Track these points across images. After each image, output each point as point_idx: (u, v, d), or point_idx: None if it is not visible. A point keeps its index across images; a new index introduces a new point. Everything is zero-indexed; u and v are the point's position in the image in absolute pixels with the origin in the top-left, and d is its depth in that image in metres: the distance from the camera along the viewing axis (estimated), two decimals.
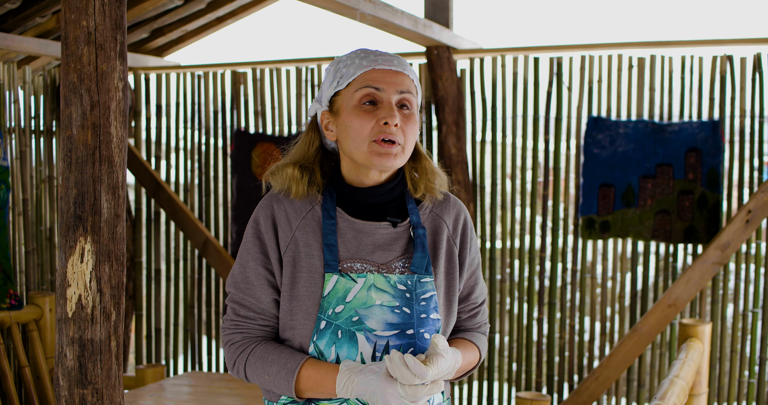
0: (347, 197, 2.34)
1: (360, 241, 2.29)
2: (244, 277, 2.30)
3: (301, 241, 2.27)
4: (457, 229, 2.42)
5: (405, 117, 2.26)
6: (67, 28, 2.31)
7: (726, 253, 5.11)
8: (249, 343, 2.28)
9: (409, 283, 2.27)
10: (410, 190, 2.39)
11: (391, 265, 2.29)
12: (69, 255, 2.33)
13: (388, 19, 4.79)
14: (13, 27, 5.29)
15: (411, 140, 2.28)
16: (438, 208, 2.42)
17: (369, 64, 2.27)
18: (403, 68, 2.30)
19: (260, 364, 2.24)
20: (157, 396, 4.66)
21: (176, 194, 6.41)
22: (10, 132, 5.32)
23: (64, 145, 2.33)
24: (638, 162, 5.38)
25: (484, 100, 5.77)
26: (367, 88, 2.25)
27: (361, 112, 2.24)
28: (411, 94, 2.29)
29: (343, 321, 2.21)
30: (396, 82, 2.26)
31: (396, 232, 2.32)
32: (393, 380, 2.09)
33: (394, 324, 2.23)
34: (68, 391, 2.36)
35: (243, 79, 6.29)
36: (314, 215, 2.30)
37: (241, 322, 2.30)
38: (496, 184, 5.80)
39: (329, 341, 2.21)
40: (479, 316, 2.53)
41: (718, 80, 5.32)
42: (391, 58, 2.30)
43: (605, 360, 5.34)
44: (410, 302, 2.25)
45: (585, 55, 5.57)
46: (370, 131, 2.23)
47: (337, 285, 2.23)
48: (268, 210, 2.31)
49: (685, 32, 38.97)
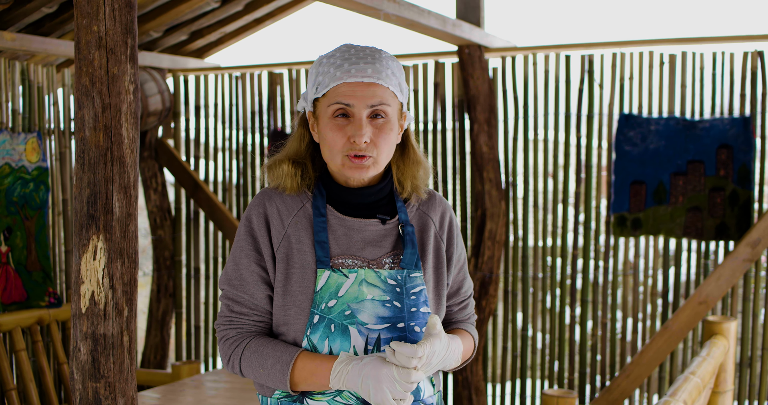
0: (337, 195, 2.38)
1: (350, 238, 2.34)
2: (238, 274, 2.35)
3: (294, 238, 2.32)
4: (444, 226, 2.48)
5: (377, 128, 2.27)
6: (79, 33, 2.37)
7: (757, 250, 5.09)
8: (243, 338, 2.33)
9: (399, 277, 2.32)
10: (397, 190, 2.44)
11: (381, 260, 2.34)
12: (82, 253, 2.39)
13: (415, 19, 4.83)
14: (51, 31, 5.40)
15: (386, 148, 2.30)
16: (424, 206, 2.47)
17: (342, 75, 2.26)
18: (378, 77, 2.27)
19: (255, 358, 2.28)
20: (193, 391, 4.74)
21: (214, 194, 6.50)
22: (50, 133, 5.43)
23: (78, 146, 2.40)
24: (669, 159, 5.37)
25: (515, 99, 5.79)
26: (337, 104, 2.26)
27: (333, 126, 2.27)
28: (384, 104, 2.28)
29: (336, 315, 2.26)
30: (367, 95, 2.25)
31: (385, 229, 2.37)
32: (388, 364, 2.14)
33: (386, 317, 2.28)
34: (82, 384, 2.42)
35: (279, 79, 6.36)
36: (305, 212, 2.35)
37: (235, 317, 2.36)
38: (528, 182, 5.82)
39: (322, 335, 2.26)
40: (469, 308, 2.60)
41: (749, 76, 5.30)
42: (366, 67, 2.27)
43: (637, 357, 5.34)
44: (400, 296, 2.30)
45: (616, 52, 5.57)
46: (342, 146, 2.26)
47: (329, 280, 2.28)
48: (261, 208, 2.36)
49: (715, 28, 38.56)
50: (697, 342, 5.51)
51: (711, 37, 5.41)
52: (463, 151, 5.90)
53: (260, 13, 6.31)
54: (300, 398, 2.30)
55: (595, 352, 5.76)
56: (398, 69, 2.35)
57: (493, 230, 5.70)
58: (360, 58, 2.29)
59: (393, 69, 2.32)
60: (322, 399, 2.28)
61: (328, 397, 2.28)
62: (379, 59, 2.30)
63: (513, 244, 5.88)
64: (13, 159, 4.97)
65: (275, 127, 6.36)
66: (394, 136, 2.32)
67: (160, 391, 4.71)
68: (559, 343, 5.82)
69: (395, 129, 2.32)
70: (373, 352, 2.27)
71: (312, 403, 2.29)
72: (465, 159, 5.90)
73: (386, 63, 2.31)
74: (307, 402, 2.30)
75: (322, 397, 2.28)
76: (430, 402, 2.40)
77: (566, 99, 5.69)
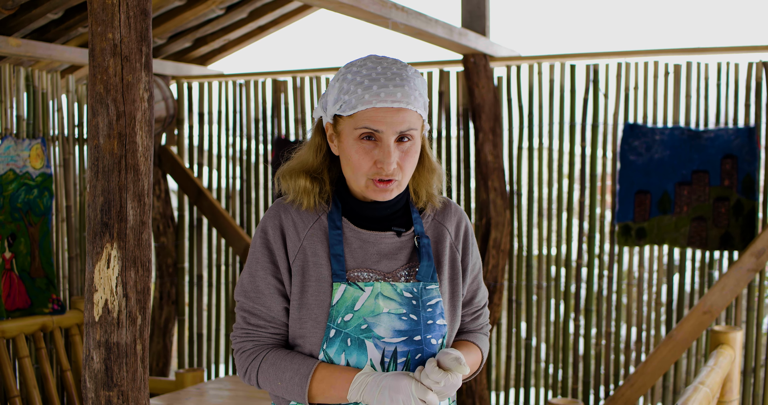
0: (352, 208, 2.37)
1: (366, 251, 2.33)
2: (254, 286, 2.33)
3: (309, 251, 2.31)
4: (459, 236, 2.47)
5: (404, 152, 2.25)
6: (93, 41, 2.37)
7: (761, 260, 5.09)
8: (260, 350, 2.32)
9: (415, 290, 2.31)
10: (413, 201, 2.43)
11: (397, 273, 2.33)
12: (96, 261, 2.38)
13: (422, 28, 4.83)
14: (56, 37, 5.40)
15: (409, 170, 2.28)
16: (440, 216, 2.46)
17: (371, 98, 2.20)
18: (407, 101, 2.22)
19: (273, 370, 2.28)
20: (196, 399, 4.73)
21: (218, 201, 6.50)
22: (54, 140, 5.42)
23: (92, 154, 2.39)
24: (674, 169, 5.37)
25: (520, 108, 5.80)
26: (365, 129, 2.22)
27: (359, 149, 2.24)
28: (412, 129, 2.25)
29: (352, 329, 2.25)
30: (396, 122, 2.21)
31: (401, 241, 2.36)
32: (409, 377, 2.14)
33: (402, 331, 2.27)
34: (95, 393, 2.42)
35: (283, 87, 6.36)
36: (321, 225, 2.34)
37: (252, 330, 2.35)
38: (533, 191, 5.82)
39: (339, 349, 2.25)
40: (481, 318, 2.59)
41: (754, 86, 5.31)
42: (396, 90, 2.21)
43: (641, 367, 5.33)
44: (417, 309, 2.29)
45: (621, 62, 5.58)
46: (368, 170, 2.24)
47: (345, 294, 2.26)
48: (276, 220, 2.34)
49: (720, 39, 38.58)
50: (701, 352, 5.51)
51: (716, 48, 5.42)
52: (467, 160, 5.90)
53: (264, 21, 6.32)
54: None
55: (599, 361, 5.76)
56: (423, 86, 2.30)
57: (497, 239, 5.70)
58: (389, 78, 2.23)
59: (419, 89, 2.28)
60: None
61: None
62: (407, 80, 2.24)
63: (517, 253, 5.88)
64: (17, 165, 4.96)
65: (279, 134, 6.36)
66: (417, 154, 2.31)
67: (164, 399, 4.70)
68: (563, 352, 5.82)
69: (419, 149, 2.31)
70: (389, 364, 2.26)
71: None
72: (470, 168, 5.90)
73: (413, 83, 2.26)
74: None
75: None
76: None
77: (571, 108, 5.69)
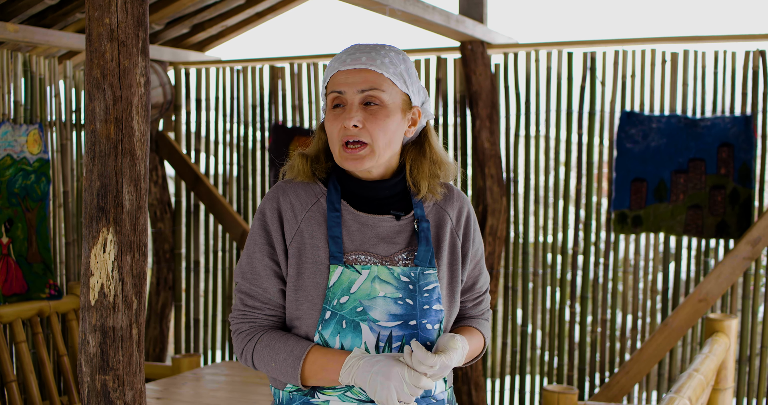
0: (352, 190, 2.37)
1: (364, 234, 2.33)
2: (251, 268, 2.34)
3: (307, 233, 2.31)
4: (461, 222, 2.46)
5: (371, 114, 2.27)
6: (90, 26, 2.37)
7: (757, 248, 5.11)
8: (256, 331, 2.33)
9: (412, 275, 2.31)
10: (412, 192, 2.42)
11: (395, 257, 2.33)
12: (92, 245, 2.39)
13: (419, 15, 4.83)
14: (54, 22, 5.39)
15: (382, 136, 2.28)
16: (442, 201, 2.44)
17: (338, 65, 2.30)
18: (372, 64, 2.28)
19: (267, 351, 2.28)
20: (193, 384, 4.75)
21: (215, 187, 6.50)
22: (51, 125, 5.42)
23: (88, 138, 2.39)
24: (671, 157, 5.38)
25: (517, 95, 5.80)
26: (332, 93, 2.29)
27: (330, 117, 2.30)
28: (377, 90, 2.27)
29: (348, 311, 2.26)
30: (357, 81, 2.27)
31: (399, 225, 2.36)
32: (401, 363, 2.14)
33: (398, 315, 2.27)
34: (90, 376, 2.42)
35: (281, 73, 6.36)
36: (319, 207, 2.34)
37: (249, 311, 2.35)
38: (530, 179, 5.83)
39: (334, 331, 2.26)
40: (483, 304, 2.58)
41: (751, 75, 5.32)
42: (362, 55, 2.29)
43: (636, 354, 5.35)
44: (413, 294, 2.29)
45: (618, 50, 5.58)
46: (337, 134, 2.28)
47: (341, 276, 2.27)
48: (274, 202, 2.35)
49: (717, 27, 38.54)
50: (696, 339, 5.52)
51: (713, 36, 5.43)
52: (464, 147, 5.91)
53: (262, 7, 6.31)
54: (311, 392, 2.30)
55: (594, 348, 5.78)
56: (402, 61, 2.33)
57: (494, 226, 5.71)
58: (359, 49, 2.32)
59: (393, 59, 2.31)
60: (333, 394, 2.28)
61: (339, 393, 2.28)
62: (377, 50, 2.31)
63: (513, 240, 5.89)
64: (14, 150, 4.96)
65: (276, 121, 6.36)
66: (393, 124, 2.30)
67: (160, 384, 4.72)
68: (559, 339, 5.84)
69: (394, 118, 2.30)
70: (384, 349, 2.27)
71: (323, 397, 2.29)
72: (466, 155, 5.91)
73: (385, 53, 2.31)
74: (318, 396, 2.30)
75: (333, 392, 2.28)
76: (442, 398, 2.40)
77: (568, 96, 5.70)
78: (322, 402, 2.30)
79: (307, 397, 2.31)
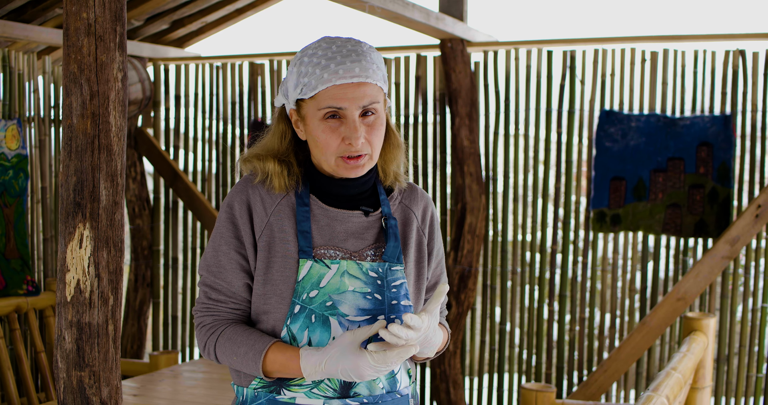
0: (321, 186, 2.37)
1: (333, 229, 2.34)
2: (216, 261, 2.33)
3: (276, 227, 2.31)
4: (426, 220, 2.49)
5: (370, 126, 2.27)
6: (68, 20, 2.35)
7: (735, 247, 5.12)
8: (219, 325, 2.33)
9: (380, 270, 2.32)
10: (380, 178, 2.44)
11: (363, 253, 2.34)
12: (68, 241, 2.37)
13: (399, 12, 4.83)
14: (33, 17, 5.36)
15: (378, 144, 2.30)
16: (407, 200, 2.47)
17: (330, 77, 2.22)
18: (366, 75, 2.24)
19: (229, 345, 2.28)
20: (170, 381, 4.73)
21: (194, 184, 6.48)
22: (30, 121, 5.39)
23: (65, 133, 2.37)
24: (650, 155, 5.40)
25: (497, 93, 5.80)
26: (328, 108, 2.24)
27: (326, 129, 2.25)
28: (375, 103, 2.27)
29: (317, 306, 2.26)
30: (357, 96, 2.23)
31: (368, 221, 2.37)
32: (360, 352, 2.13)
33: (366, 309, 2.28)
34: (66, 373, 2.41)
35: (260, 70, 6.35)
36: (289, 201, 2.34)
37: (213, 305, 2.35)
38: (509, 177, 5.84)
39: (302, 325, 2.26)
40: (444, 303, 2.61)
41: (731, 75, 5.34)
42: (353, 65, 2.23)
43: (614, 353, 5.36)
44: (381, 289, 2.31)
45: (598, 49, 5.59)
46: (336, 148, 2.25)
47: (311, 270, 2.27)
48: (243, 195, 2.34)
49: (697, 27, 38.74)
50: (674, 338, 5.54)
51: (693, 35, 5.45)
52: (444, 145, 5.91)
53: (242, 3, 6.29)
54: (277, 389, 2.30)
55: (572, 347, 5.79)
56: (380, 60, 2.33)
57: (473, 224, 5.71)
58: (345, 55, 2.25)
59: (377, 62, 2.30)
60: (299, 390, 2.28)
61: (305, 389, 2.27)
62: (362, 54, 2.27)
63: (492, 239, 5.90)
64: None
65: (255, 117, 6.35)
66: (383, 128, 2.32)
67: (138, 380, 4.70)
68: (537, 337, 5.85)
69: (384, 121, 2.32)
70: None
71: (289, 394, 2.29)
72: (446, 153, 5.91)
73: (370, 57, 2.28)
74: (284, 393, 2.29)
75: (300, 389, 2.28)
76: (406, 393, 2.40)
77: (547, 94, 5.71)
78: (288, 399, 2.29)
79: (273, 394, 2.30)
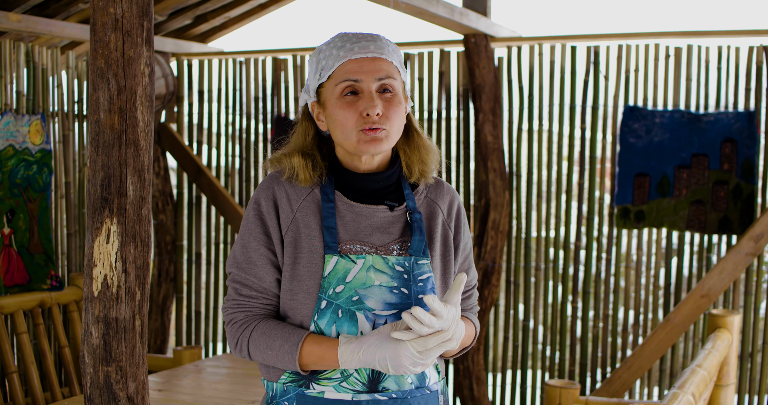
0: (345, 182, 2.39)
1: (359, 224, 2.35)
2: (246, 257, 2.34)
3: (302, 223, 2.32)
4: (452, 214, 2.49)
5: (387, 101, 2.30)
6: (95, 15, 2.35)
7: (759, 244, 5.09)
8: (252, 320, 2.33)
9: (406, 264, 2.32)
10: (405, 175, 2.45)
11: (389, 247, 2.34)
12: (95, 236, 2.38)
13: (423, 7, 4.82)
14: (57, 12, 5.38)
15: (396, 122, 2.32)
16: (432, 194, 2.47)
17: (345, 54, 2.30)
18: (381, 52, 2.32)
19: (263, 339, 2.28)
20: (194, 376, 4.74)
21: (217, 179, 6.49)
22: (54, 116, 5.41)
23: (92, 129, 2.37)
24: (674, 152, 5.37)
25: (521, 89, 5.79)
26: (345, 81, 2.29)
27: (344, 105, 2.29)
28: (391, 78, 2.31)
29: (344, 301, 2.26)
30: (373, 69, 2.29)
31: (393, 215, 2.38)
32: (399, 342, 2.13)
33: (393, 304, 2.28)
34: (93, 368, 2.41)
35: (284, 65, 6.35)
36: (314, 197, 2.36)
37: (244, 301, 2.35)
38: (532, 173, 5.82)
39: (330, 320, 2.26)
40: (472, 298, 2.59)
41: (755, 71, 5.31)
42: (368, 44, 2.32)
43: (638, 349, 5.34)
44: (408, 283, 2.31)
45: (622, 44, 5.57)
46: (355, 123, 2.27)
47: (337, 266, 2.28)
48: (269, 191, 2.36)
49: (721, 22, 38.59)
50: (698, 335, 5.52)
51: (717, 31, 5.42)
52: (467, 141, 5.90)
53: None
54: (306, 383, 2.30)
55: (596, 343, 5.77)
56: (397, 50, 2.39)
57: (496, 220, 5.70)
58: (360, 37, 2.34)
59: (392, 46, 2.37)
60: (328, 384, 2.28)
61: (335, 383, 2.28)
62: (378, 38, 2.35)
63: (516, 235, 5.89)
64: (16, 141, 4.96)
65: (278, 113, 6.35)
66: (403, 111, 2.34)
67: (162, 376, 4.71)
68: (561, 334, 5.83)
69: (403, 104, 2.34)
70: None
71: (318, 388, 2.29)
72: (469, 148, 5.90)
73: (385, 41, 2.36)
74: (313, 387, 2.30)
75: (329, 382, 2.28)
76: (435, 388, 2.40)
77: (571, 90, 5.69)
78: (317, 393, 2.29)
79: (302, 388, 2.30)
